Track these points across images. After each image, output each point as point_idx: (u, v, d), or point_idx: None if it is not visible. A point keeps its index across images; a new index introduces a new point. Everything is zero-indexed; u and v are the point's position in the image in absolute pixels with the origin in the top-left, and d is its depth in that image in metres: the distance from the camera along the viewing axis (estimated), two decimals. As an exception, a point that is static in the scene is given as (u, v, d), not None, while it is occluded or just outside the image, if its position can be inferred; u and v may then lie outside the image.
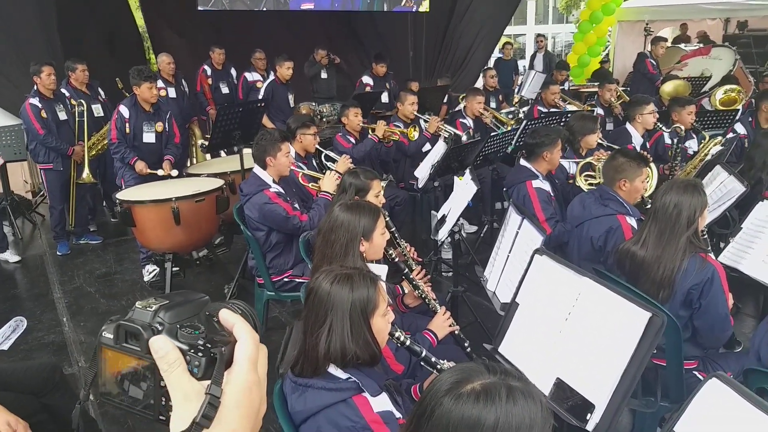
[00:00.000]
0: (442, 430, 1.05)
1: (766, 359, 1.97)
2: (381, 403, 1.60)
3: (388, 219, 2.56)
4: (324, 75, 7.80)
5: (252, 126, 4.63)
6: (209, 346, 0.63)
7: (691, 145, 5.00)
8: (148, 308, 0.64)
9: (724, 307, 2.38)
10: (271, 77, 6.62)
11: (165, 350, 0.61)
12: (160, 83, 5.79)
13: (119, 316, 0.66)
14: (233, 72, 7.36)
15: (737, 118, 5.30)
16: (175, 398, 0.61)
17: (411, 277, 2.59)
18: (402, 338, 1.89)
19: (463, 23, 10.40)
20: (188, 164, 5.22)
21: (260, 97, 6.45)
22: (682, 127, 4.63)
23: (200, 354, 0.62)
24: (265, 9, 8.18)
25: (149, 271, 4.74)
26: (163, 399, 0.62)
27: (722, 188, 3.47)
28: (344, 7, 8.87)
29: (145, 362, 0.63)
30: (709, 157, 4.41)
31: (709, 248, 2.68)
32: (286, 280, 3.57)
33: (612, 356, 1.73)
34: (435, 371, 1.92)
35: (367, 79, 7.59)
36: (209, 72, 7.17)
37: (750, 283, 2.93)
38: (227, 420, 0.60)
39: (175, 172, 4.64)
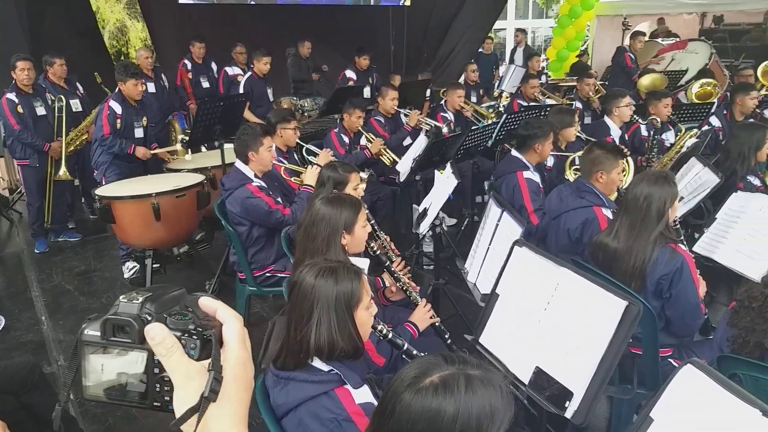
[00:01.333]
0: (404, 425, 1.07)
1: (728, 353, 2.02)
2: (362, 395, 1.61)
3: (367, 211, 2.57)
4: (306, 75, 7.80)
5: (233, 121, 4.60)
6: (201, 329, 0.67)
7: (668, 137, 5.08)
8: (134, 301, 0.67)
9: (695, 296, 2.43)
10: (249, 72, 6.58)
11: (162, 336, 0.65)
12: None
13: (97, 314, 0.68)
14: (214, 66, 7.30)
15: (712, 111, 5.39)
16: (177, 380, 0.65)
17: (392, 269, 2.61)
18: (385, 331, 1.91)
19: (448, 19, 10.47)
20: (168, 159, 5.15)
21: (240, 92, 6.41)
22: (659, 120, 4.71)
23: (194, 337, 0.66)
24: (253, 2, 8.11)
25: (129, 268, 4.69)
26: (158, 386, 0.66)
27: (697, 179, 3.53)
28: (332, 1, 8.81)
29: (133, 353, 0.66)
30: (684, 149, 4.49)
31: (681, 238, 2.73)
32: (267, 275, 3.56)
33: (590, 344, 1.76)
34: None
35: (350, 73, 7.56)
36: (189, 66, 7.09)
37: (724, 272, 3.00)
38: (230, 393, 0.66)
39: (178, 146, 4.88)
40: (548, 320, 1.91)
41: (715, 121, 5.16)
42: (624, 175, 3.89)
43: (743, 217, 2.99)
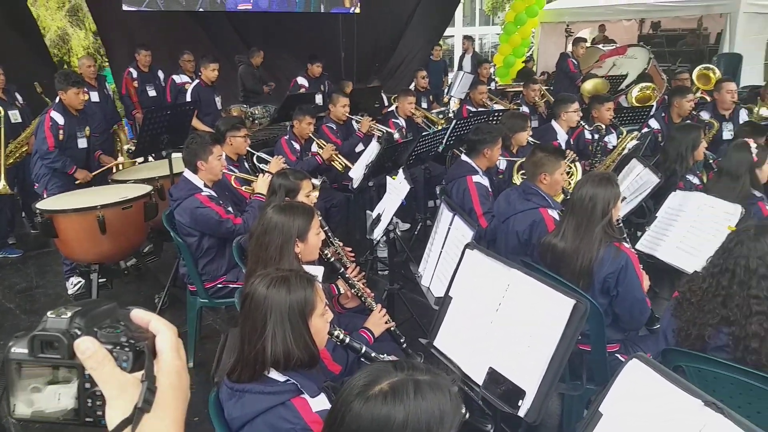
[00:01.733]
0: None
1: (672, 343, 2.11)
2: (320, 402, 1.60)
3: (320, 218, 2.56)
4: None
5: (181, 129, 4.51)
6: (133, 341, 0.67)
7: (610, 139, 5.26)
8: (62, 316, 0.66)
9: (640, 291, 2.53)
10: (197, 80, 6.48)
11: (92, 350, 0.64)
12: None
13: (24, 332, 0.67)
14: (160, 74, 7.15)
15: (651, 113, 5.62)
16: (110, 392, 0.64)
17: (347, 276, 2.61)
18: (341, 336, 1.90)
19: (399, 26, 10.58)
20: (113, 170, 5.01)
21: (188, 100, 6.29)
22: (603, 126, 4.88)
23: (126, 349, 0.66)
24: (201, 9, 7.99)
25: (74, 284, 4.53)
26: (90, 401, 0.65)
27: (638, 180, 3.67)
28: (281, 8, 8.76)
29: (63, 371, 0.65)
30: (626, 151, 4.66)
31: (625, 237, 2.83)
32: (219, 286, 3.50)
33: (540, 343, 1.81)
34: (374, 364, 1.94)
35: (302, 80, 7.54)
36: (135, 75, 6.94)
37: (665, 269, 3.12)
38: (165, 402, 0.66)
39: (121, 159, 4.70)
40: (500, 321, 1.95)
41: (654, 123, 5.38)
42: (571, 177, 4.03)
43: (682, 215, 3.12)
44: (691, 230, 3.04)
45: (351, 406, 1.08)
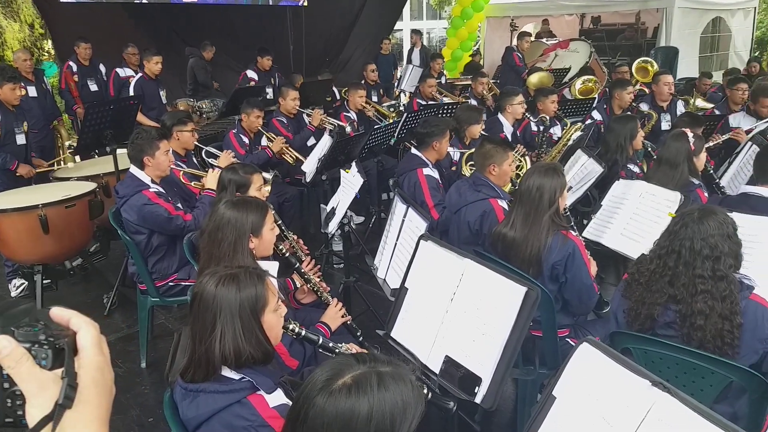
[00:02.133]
0: (318, 429, 1.07)
1: (623, 323, 2.20)
2: (276, 398, 1.59)
3: (273, 212, 2.54)
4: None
5: (125, 124, 4.37)
6: (52, 339, 0.67)
7: (556, 131, 5.41)
8: None
9: (588, 277, 2.61)
10: (140, 74, 6.29)
11: (9, 348, 0.64)
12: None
13: None
14: (102, 68, 6.91)
15: (594, 105, 5.81)
16: (29, 390, 0.65)
17: (302, 270, 2.59)
18: (297, 330, 1.90)
19: (348, 19, 10.53)
20: (55, 167, 4.82)
21: (131, 94, 6.10)
22: (547, 117, 5.01)
23: (45, 347, 0.67)
24: (146, 1, 7.72)
25: (16, 286, 4.34)
26: (9, 400, 0.65)
27: (583, 170, 3.79)
28: (229, 1, 8.58)
29: None
30: (571, 142, 4.80)
31: (572, 225, 2.92)
32: (171, 284, 3.42)
33: (494, 330, 1.85)
34: (334, 356, 1.94)
35: (251, 74, 7.42)
36: (75, 68, 6.67)
37: (611, 255, 3.25)
38: (87, 398, 0.67)
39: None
40: (455, 310, 1.98)
41: (596, 115, 5.55)
42: (520, 168, 4.12)
43: (626, 203, 3.24)
44: (634, 217, 3.15)
45: (314, 401, 1.08)
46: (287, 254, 2.60)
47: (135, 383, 3.36)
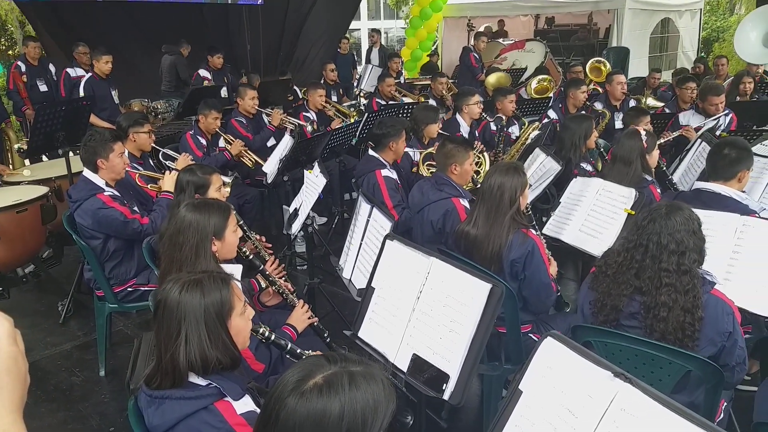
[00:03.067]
0: (290, 431, 1.06)
1: (588, 316, 2.25)
2: (244, 405, 1.57)
3: (234, 213, 2.50)
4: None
5: (77, 126, 4.24)
6: None
7: (514, 130, 5.51)
8: None
9: (546, 276, 2.67)
10: (90, 73, 6.10)
11: None
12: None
13: None
14: (52, 68, 6.69)
15: (550, 105, 5.94)
16: None
17: (267, 273, 2.57)
18: (266, 334, 1.88)
19: (304, 18, 10.45)
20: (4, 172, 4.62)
21: (80, 95, 5.91)
22: (504, 117, 5.09)
23: None
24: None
25: (-36, 295, 4.15)
26: None
27: (542, 168, 3.87)
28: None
29: None
30: (529, 141, 4.89)
31: (534, 223, 2.98)
32: (129, 289, 3.33)
33: (461, 327, 1.87)
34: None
35: (204, 73, 7.30)
36: (23, 68, 6.45)
37: (570, 251, 3.32)
38: (2, 385, 0.74)
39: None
40: (421, 308, 2.00)
41: (552, 114, 5.68)
42: (479, 165, 4.17)
43: (583, 200, 3.32)
44: (592, 214, 3.23)
45: (285, 403, 1.07)
46: (251, 256, 2.56)
47: (94, 392, 3.26)
